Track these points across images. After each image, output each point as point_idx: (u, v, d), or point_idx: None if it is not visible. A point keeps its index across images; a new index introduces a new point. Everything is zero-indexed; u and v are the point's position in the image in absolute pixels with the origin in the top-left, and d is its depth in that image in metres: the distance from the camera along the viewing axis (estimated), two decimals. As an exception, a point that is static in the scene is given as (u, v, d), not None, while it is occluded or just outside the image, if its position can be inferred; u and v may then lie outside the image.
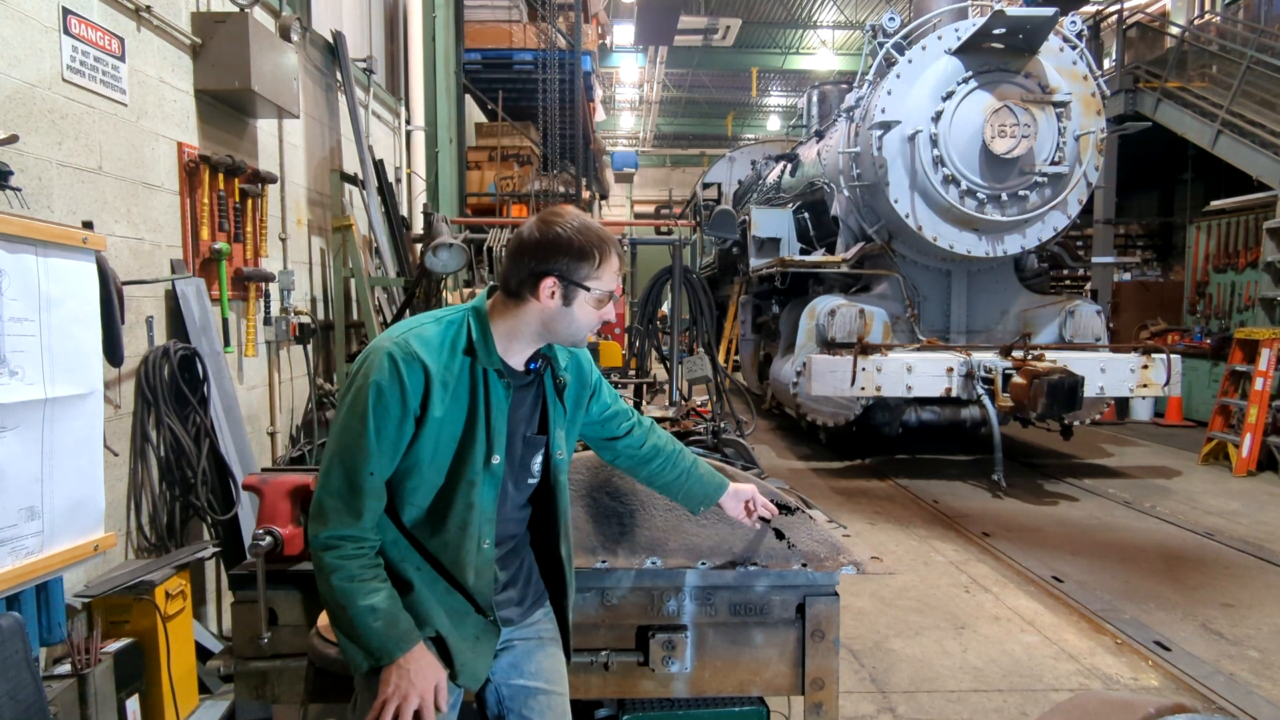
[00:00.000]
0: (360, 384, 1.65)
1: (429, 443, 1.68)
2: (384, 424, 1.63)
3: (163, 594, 3.09)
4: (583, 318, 1.73)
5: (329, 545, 1.62)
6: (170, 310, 3.77)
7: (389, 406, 1.62)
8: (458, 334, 1.72)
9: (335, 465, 1.64)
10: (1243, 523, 6.20)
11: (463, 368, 1.71)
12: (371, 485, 1.64)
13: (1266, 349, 7.78)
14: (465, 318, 1.75)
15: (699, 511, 2.16)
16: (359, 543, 1.64)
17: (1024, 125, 7.42)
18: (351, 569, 1.62)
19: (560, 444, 1.88)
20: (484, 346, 1.72)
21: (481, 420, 1.71)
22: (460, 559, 1.73)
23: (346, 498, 1.63)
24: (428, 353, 1.66)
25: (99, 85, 3.30)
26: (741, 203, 14.02)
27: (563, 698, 1.93)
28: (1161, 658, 3.89)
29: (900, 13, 8.47)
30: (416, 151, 7.94)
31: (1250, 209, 9.84)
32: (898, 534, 5.95)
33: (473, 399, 1.71)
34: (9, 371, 2.27)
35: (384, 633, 1.62)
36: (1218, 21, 12.57)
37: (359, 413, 1.63)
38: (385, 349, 1.65)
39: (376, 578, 1.65)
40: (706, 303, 5.54)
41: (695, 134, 31.11)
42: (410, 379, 1.63)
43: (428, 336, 1.69)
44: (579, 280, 1.70)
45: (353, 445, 1.63)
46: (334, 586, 1.61)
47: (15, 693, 2.16)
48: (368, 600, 1.61)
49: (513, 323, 1.74)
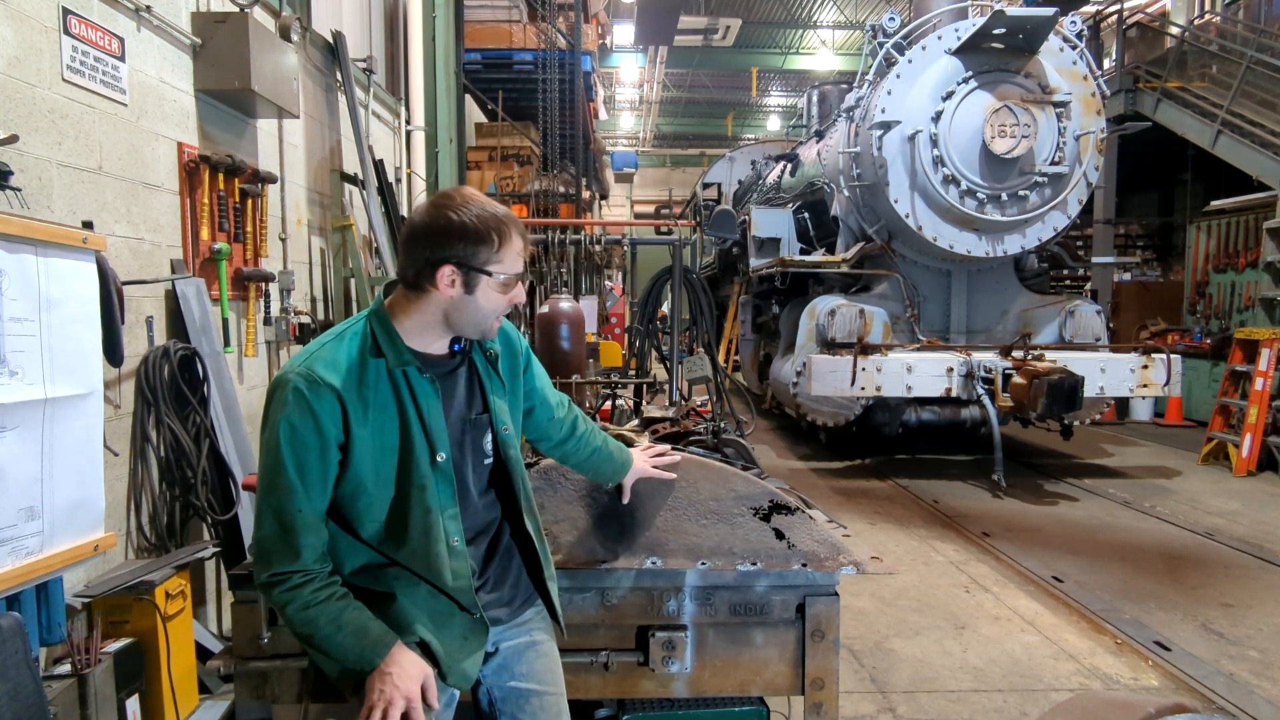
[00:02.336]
0: (272, 422, 1.58)
1: (366, 461, 1.62)
2: (304, 459, 1.57)
3: (163, 594, 3.09)
4: (488, 304, 1.65)
5: (274, 583, 1.59)
6: (170, 310, 3.77)
7: (305, 440, 1.56)
8: (363, 344, 1.65)
9: (264, 508, 1.60)
10: (1243, 523, 6.19)
11: (378, 376, 1.64)
12: (304, 522, 1.59)
13: (1266, 349, 7.78)
14: (366, 326, 1.67)
15: (607, 487, 2.25)
16: (305, 574, 1.60)
17: (1024, 125, 7.42)
18: (304, 596, 1.59)
19: (504, 418, 1.82)
20: (392, 348, 1.65)
21: (415, 422, 1.66)
22: (433, 563, 1.69)
23: (281, 538, 1.58)
24: (334, 375, 1.59)
25: (99, 85, 3.30)
26: (741, 203, 14.02)
27: (557, 697, 1.91)
28: (1161, 658, 3.89)
29: (900, 13, 8.48)
30: (416, 151, 7.93)
31: (1250, 209, 9.84)
32: (898, 534, 5.95)
33: (399, 404, 1.65)
34: (9, 371, 2.27)
35: (356, 645, 1.59)
36: (1218, 21, 12.57)
37: (274, 453, 1.57)
38: (290, 381, 1.57)
39: (333, 596, 1.61)
40: (706, 303, 5.53)
41: (695, 134, 31.11)
42: (321, 407, 1.56)
43: (331, 357, 1.61)
44: (479, 265, 1.61)
45: (275, 485, 1.58)
46: (293, 619, 1.59)
47: (15, 693, 2.16)
48: (330, 619, 1.59)
49: (418, 317, 1.66)
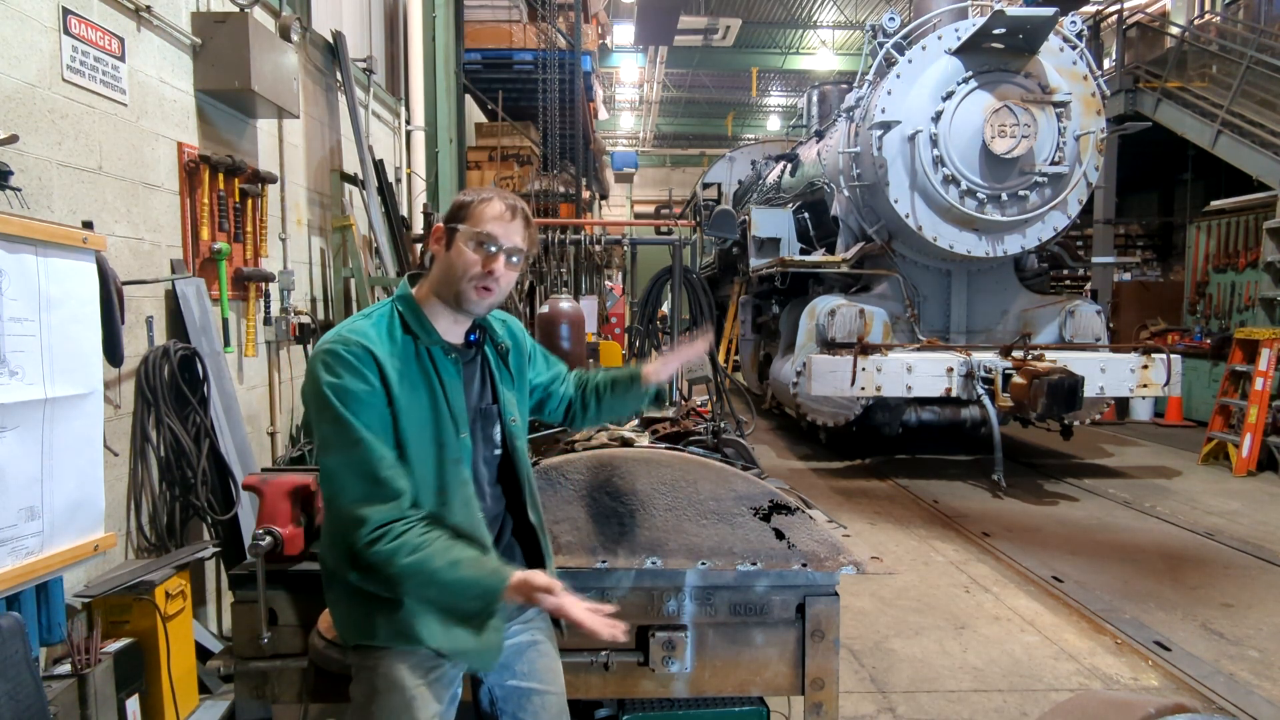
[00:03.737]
0: (321, 396, 1.62)
1: (410, 424, 1.67)
2: (362, 411, 1.62)
3: (163, 594, 3.09)
4: (458, 260, 1.74)
5: (376, 538, 1.59)
6: (170, 310, 3.77)
7: (357, 394, 1.62)
8: (391, 323, 1.74)
9: (343, 473, 1.62)
10: (1243, 523, 6.19)
11: (407, 351, 1.72)
12: (389, 466, 1.63)
13: (1266, 349, 7.78)
14: (393, 307, 1.77)
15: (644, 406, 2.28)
16: (405, 520, 1.62)
17: (1024, 125, 7.42)
18: (411, 541, 1.60)
19: (512, 410, 1.89)
20: (421, 326, 1.74)
21: (442, 399, 1.72)
22: (476, 529, 1.74)
23: (374, 491, 1.61)
24: (368, 340, 1.66)
25: (99, 85, 3.30)
26: (741, 203, 14.02)
27: (557, 696, 1.92)
28: (1161, 658, 3.89)
29: (900, 13, 8.48)
30: (416, 151, 7.93)
31: (1250, 209, 9.84)
32: (898, 534, 5.95)
33: (428, 380, 1.72)
34: (9, 371, 2.27)
35: (478, 573, 1.61)
36: (1218, 21, 12.57)
37: (334, 418, 1.61)
38: (324, 351, 1.65)
39: (438, 535, 1.63)
40: (706, 303, 5.55)
41: (695, 134, 31.11)
42: (362, 363, 1.63)
43: (359, 328, 1.70)
44: (456, 221, 1.76)
45: (347, 445, 1.61)
46: (404, 568, 1.58)
47: (15, 693, 2.16)
48: (444, 556, 1.60)
49: (429, 288, 1.79)
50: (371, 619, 1.71)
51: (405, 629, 1.69)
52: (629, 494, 2.29)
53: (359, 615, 1.73)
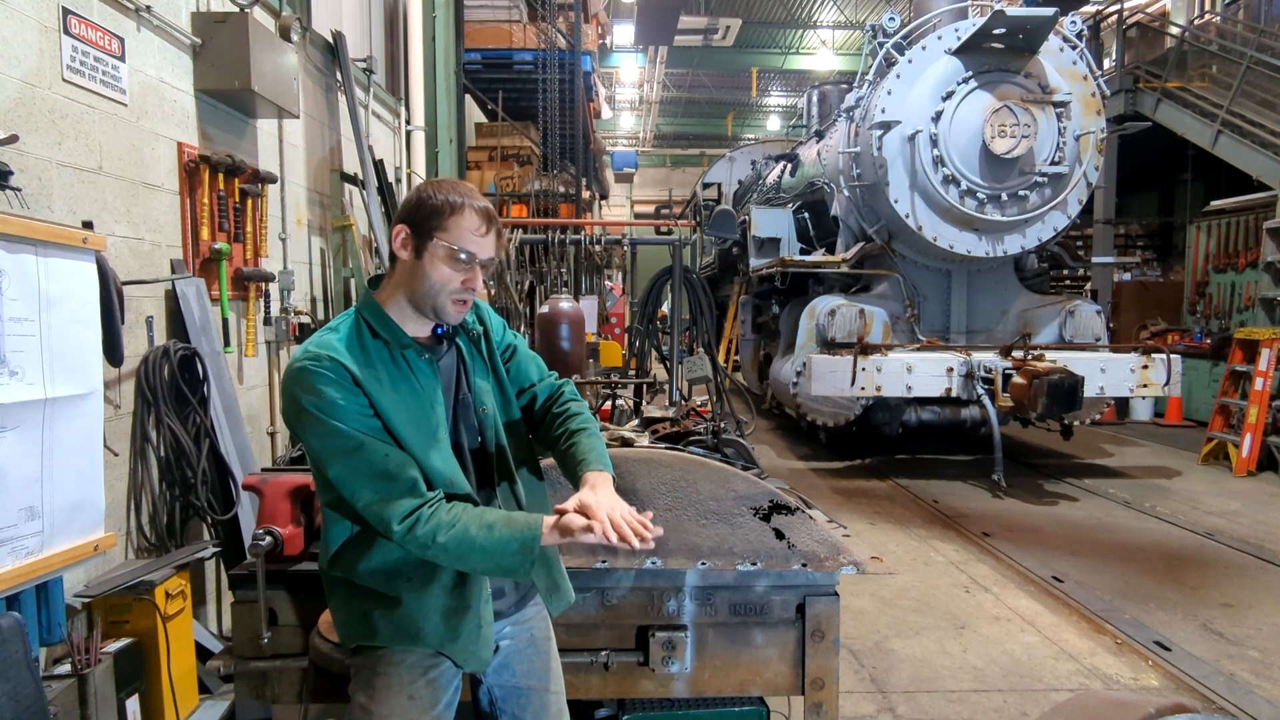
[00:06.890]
0: (305, 415, 1.59)
1: (398, 424, 1.65)
2: (351, 418, 1.59)
3: (163, 594, 3.09)
4: (435, 274, 1.66)
5: (411, 527, 1.58)
6: (170, 310, 3.77)
7: (339, 403, 1.59)
8: (357, 330, 1.69)
9: (356, 478, 1.60)
10: (1243, 523, 6.19)
11: (380, 356, 1.68)
12: (398, 460, 1.61)
13: (1266, 349, 7.78)
14: (358, 316, 1.72)
15: None
16: (430, 501, 1.61)
17: (1024, 125, 7.43)
18: (445, 517, 1.59)
19: (484, 399, 1.83)
20: (389, 331, 1.70)
21: (423, 398, 1.70)
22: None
23: (392, 486, 1.60)
24: (336, 353, 1.62)
25: (99, 85, 3.30)
26: (741, 203, 14.03)
27: (556, 695, 1.92)
28: (1161, 658, 3.89)
29: (900, 13, 8.48)
30: (416, 151, 7.93)
31: (1250, 209, 9.84)
32: (898, 534, 5.95)
33: (406, 381, 1.69)
34: (9, 371, 2.27)
35: (511, 530, 1.59)
36: (1218, 21, 12.57)
37: (328, 432, 1.59)
38: (296, 371, 1.60)
39: (467, 507, 1.62)
40: (706, 303, 5.54)
41: (695, 134, 31.11)
42: (336, 374, 1.60)
43: (325, 340, 1.65)
44: (426, 228, 1.65)
45: (351, 451, 1.59)
46: (447, 544, 1.58)
47: (15, 693, 2.16)
48: (477, 524, 1.59)
49: (391, 290, 1.72)
50: (371, 619, 1.71)
51: (405, 628, 1.70)
52: (629, 494, 2.29)
53: (359, 616, 1.73)
